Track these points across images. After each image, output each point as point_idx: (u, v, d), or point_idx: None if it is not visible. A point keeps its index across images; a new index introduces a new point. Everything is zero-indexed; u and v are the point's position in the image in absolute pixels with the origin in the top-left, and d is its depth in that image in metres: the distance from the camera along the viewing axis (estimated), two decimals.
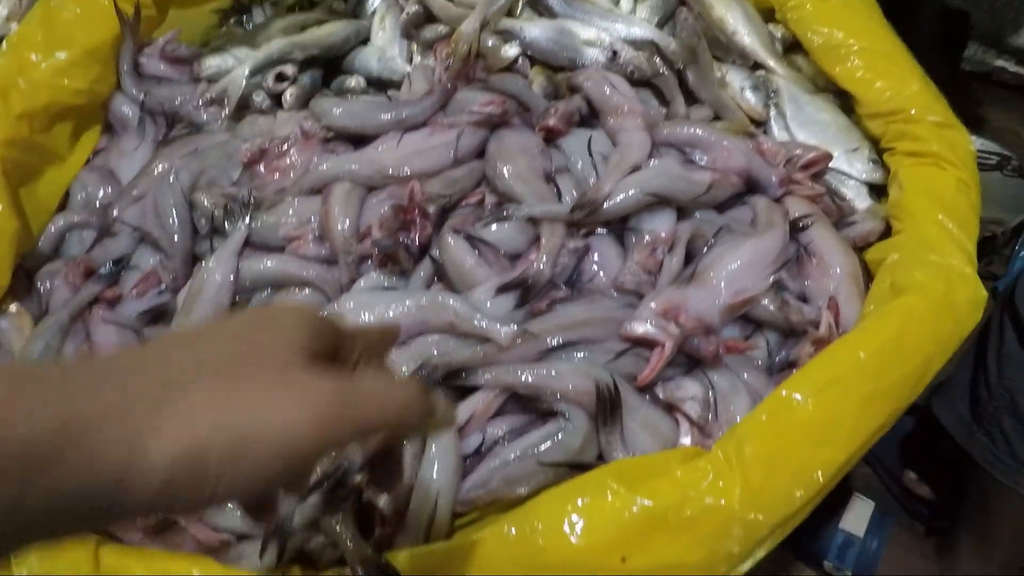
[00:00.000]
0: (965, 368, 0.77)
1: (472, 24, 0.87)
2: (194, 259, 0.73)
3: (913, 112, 0.75)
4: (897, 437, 1.03)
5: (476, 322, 0.58)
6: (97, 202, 0.80)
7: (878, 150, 0.81)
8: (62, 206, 0.79)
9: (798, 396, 0.49)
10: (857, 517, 0.93)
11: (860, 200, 0.79)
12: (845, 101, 0.88)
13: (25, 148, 0.74)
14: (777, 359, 0.63)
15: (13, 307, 0.70)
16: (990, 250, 1.21)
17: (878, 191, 0.80)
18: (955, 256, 0.59)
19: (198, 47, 0.97)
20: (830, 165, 0.82)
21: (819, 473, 0.46)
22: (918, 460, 0.99)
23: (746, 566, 0.46)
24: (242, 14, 1.02)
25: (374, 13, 0.97)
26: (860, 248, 0.72)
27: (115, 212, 0.76)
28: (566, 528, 0.45)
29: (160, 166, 0.78)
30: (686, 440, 0.55)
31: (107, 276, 0.72)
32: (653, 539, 0.45)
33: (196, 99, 0.87)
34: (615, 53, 0.79)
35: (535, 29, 0.85)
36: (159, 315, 0.71)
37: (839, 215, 0.75)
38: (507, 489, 0.52)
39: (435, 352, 0.58)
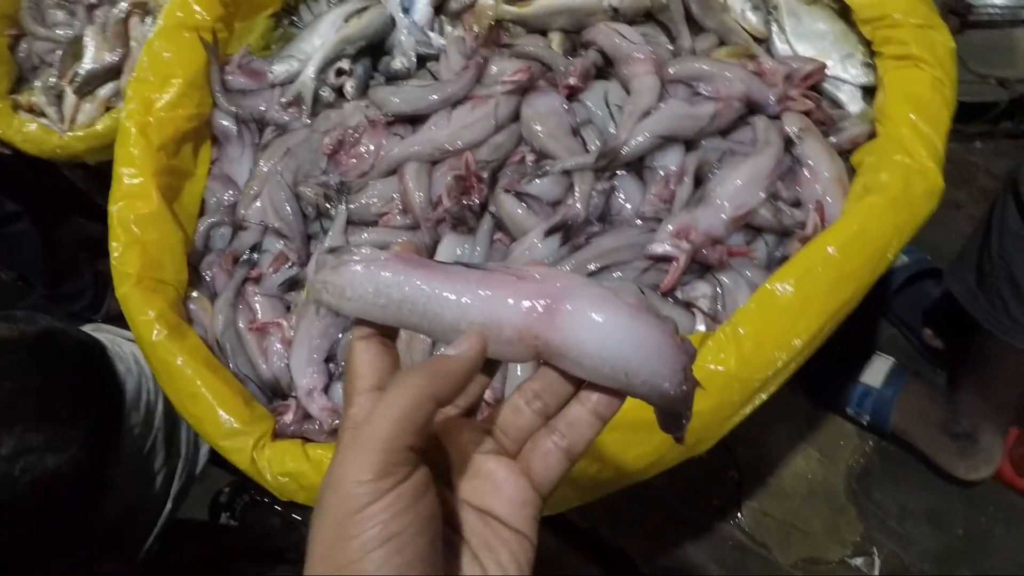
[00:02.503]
0: (974, 242, 0.87)
1: None
2: (308, 238, 0.94)
3: (897, 16, 0.83)
4: (919, 301, 1.16)
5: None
6: (224, 203, 1.01)
7: (872, 54, 0.90)
8: (202, 211, 1.01)
9: (780, 286, 0.65)
10: (876, 372, 1.09)
11: (854, 104, 0.89)
12: (845, 7, 0.95)
13: (168, 173, 0.95)
14: (776, 255, 0.78)
15: (195, 293, 0.94)
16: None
17: (874, 94, 0.89)
18: (919, 153, 0.71)
19: (260, 52, 1.14)
20: (828, 73, 0.91)
21: (796, 340, 0.63)
22: (935, 320, 1.13)
23: (747, 410, 0.64)
24: (291, 15, 1.17)
25: None
26: (848, 151, 0.83)
27: (241, 211, 0.97)
28: None
29: (264, 167, 0.98)
30: (701, 327, 0.72)
31: (248, 262, 0.95)
32: None
33: (275, 103, 1.05)
34: (615, 10, 0.90)
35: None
36: (294, 283, 0.93)
37: (831, 124, 0.86)
38: None
39: None
